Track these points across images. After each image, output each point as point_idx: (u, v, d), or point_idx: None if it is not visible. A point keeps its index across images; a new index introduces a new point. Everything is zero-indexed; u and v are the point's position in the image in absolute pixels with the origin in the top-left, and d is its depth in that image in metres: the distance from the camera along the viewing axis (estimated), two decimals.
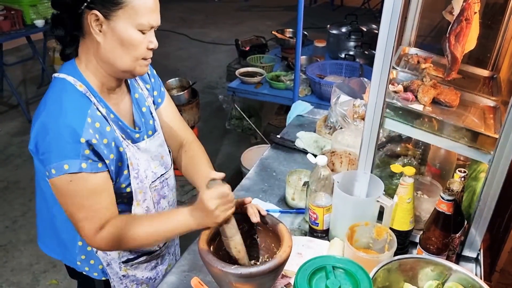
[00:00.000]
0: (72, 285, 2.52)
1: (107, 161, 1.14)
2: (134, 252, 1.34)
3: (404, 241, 1.30)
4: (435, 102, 1.38)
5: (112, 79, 1.18)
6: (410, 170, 1.22)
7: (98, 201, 1.12)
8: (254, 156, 2.78)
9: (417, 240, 1.27)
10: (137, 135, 1.25)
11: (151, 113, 1.33)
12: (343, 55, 3.12)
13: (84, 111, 1.10)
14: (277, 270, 1.07)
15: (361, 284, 0.99)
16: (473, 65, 1.66)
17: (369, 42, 3.14)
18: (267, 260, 1.16)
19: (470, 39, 1.26)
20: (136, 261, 1.36)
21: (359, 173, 1.33)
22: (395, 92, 1.41)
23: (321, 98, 2.72)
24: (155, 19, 1.11)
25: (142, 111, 1.30)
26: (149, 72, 1.37)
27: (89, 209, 1.11)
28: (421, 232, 1.23)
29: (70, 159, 1.06)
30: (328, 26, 3.37)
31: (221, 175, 1.09)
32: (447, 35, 1.21)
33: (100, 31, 1.08)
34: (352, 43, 3.21)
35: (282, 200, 1.59)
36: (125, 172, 1.21)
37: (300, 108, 2.19)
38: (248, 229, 1.21)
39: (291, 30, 3.47)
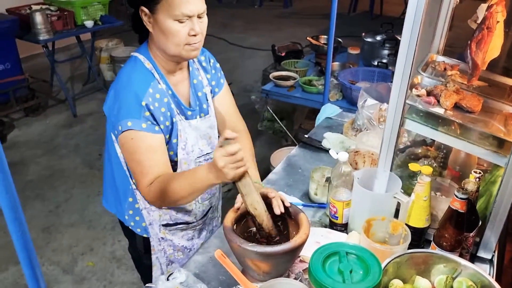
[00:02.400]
0: (107, 268, 2.70)
1: (162, 126, 1.33)
2: (173, 218, 1.52)
3: (419, 237, 1.36)
4: (457, 107, 1.43)
5: (169, 62, 1.38)
6: (427, 169, 1.28)
7: (153, 158, 1.31)
8: (284, 157, 2.86)
9: (431, 240, 1.32)
10: (189, 113, 1.44)
11: (207, 99, 1.51)
12: (376, 63, 3.16)
13: (147, 83, 1.32)
14: (292, 253, 1.15)
15: (371, 269, 1.06)
16: (500, 74, 1.69)
17: None
18: None
19: (493, 47, 1.30)
20: (174, 227, 1.54)
21: (379, 171, 1.40)
22: (418, 96, 1.46)
23: (351, 103, 2.78)
24: (191, 9, 1.25)
25: (197, 95, 1.48)
26: (211, 64, 1.54)
27: (144, 164, 1.30)
28: (435, 232, 1.28)
29: (134, 118, 1.28)
30: (363, 34, 3.42)
31: (234, 135, 1.15)
32: (469, 42, 1.26)
33: (150, 23, 1.30)
34: (386, 51, 3.25)
35: (306, 195, 1.67)
36: (174, 140, 1.40)
37: (329, 110, 2.26)
38: (272, 216, 1.31)
39: (325, 36, 3.54)
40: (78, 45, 4.84)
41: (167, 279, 1.26)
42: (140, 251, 1.60)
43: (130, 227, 1.55)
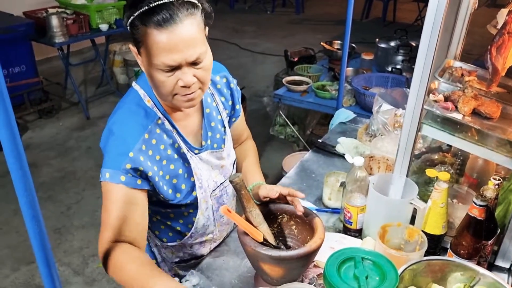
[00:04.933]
0: None
1: (153, 177, 1.15)
2: (188, 254, 1.42)
3: (435, 245, 1.33)
4: (475, 113, 1.41)
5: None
6: (444, 175, 1.26)
7: (125, 213, 1.12)
8: (296, 162, 2.85)
9: (448, 247, 1.30)
10: (196, 151, 1.27)
11: (223, 126, 1.35)
12: (390, 69, 3.15)
13: (143, 127, 1.14)
14: (306, 258, 1.14)
15: (387, 275, 1.04)
16: None
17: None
18: None
19: None
20: (186, 263, 1.44)
21: (395, 176, 1.38)
22: (435, 101, 1.45)
23: (364, 109, 2.77)
24: (175, 59, 1.02)
25: (211, 126, 1.31)
26: (231, 86, 1.37)
27: (111, 215, 1.11)
28: (452, 239, 1.26)
29: (113, 169, 1.10)
30: (377, 40, 3.41)
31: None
32: (489, 47, 1.25)
33: (140, 62, 1.12)
34: (400, 57, 3.23)
35: (319, 200, 1.66)
36: (183, 186, 1.25)
37: (343, 116, 2.25)
38: (287, 220, 1.30)
39: (339, 42, 3.54)
40: (92, 49, 4.89)
41: (180, 282, 1.25)
42: None
43: None
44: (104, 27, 4.43)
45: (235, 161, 1.45)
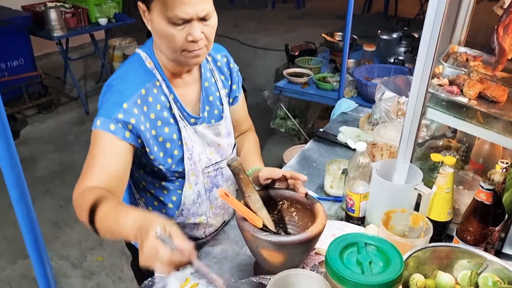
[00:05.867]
0: (116, 263, 2.67)
1: (144, 133, 1.15)
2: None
3: (441, 232, 1.30)
4: (481, 97, 1.37)
5: (174, 66, 1.21)
6: (450, 160, 1.22)
7: (108, 161, 1.12)
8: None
9: (454, 235, 1.26)
10: (192, 120, 1.27)
11: (221, 103, 1.35)
12: (392, 60, 3.10)
13: (141, 83, 1.17)
14: (307, 244, 1.10)
15: (392, 261, 1.00)
16: None
17: None
18: None
19: None
20: None
21: (399, 162, 1.34)
22: (440, 85, 1.41)
23: (366, 100, 2.72)
24: (187, 12, 1.06)
25: (209, 100, 1.32)
26: (230, 67, 1.39)
27: (96, 161, 1.11)
28: (458, 225, 1.22)
29: (104, 117, 1.12)
30: (379, 31, 3.36)
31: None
32: (496, 27, 1.21)
33: (147, 20, 1.15)
34: (402, 49, 3.18)
35: (321, 189, 1.62)
36: (175, 152, 1.25)
37: (344, 105, 2.21)
38: (287, 206, 1.26)
39: (340, 33, 3.49)
40: (91, 44, 4.85)
41: (177, 269, 1.21)
42: (143, 268, 1.45)
43: (132, 242, 1.41)
44: (103, 21, 4.39)
45: (235, 145, 1.41)
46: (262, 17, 8.07)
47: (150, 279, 1.15)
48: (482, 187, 1.12)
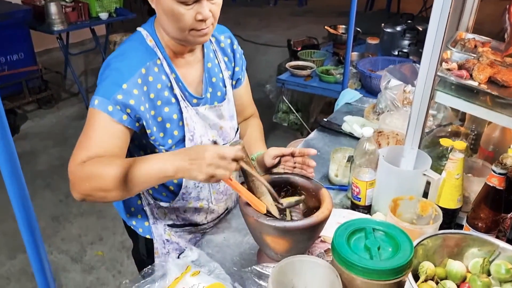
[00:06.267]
0: (116, 257, 2.64)
1: (143, 114, 1.13)
2: (181, 218, 1.37)
3: (450, 220, 1.25)
4: (491, 82, 1.33)
5: (177, 45, 1.19)
6: (460, 144, 1.18)
7: (103, 140, 1.09)
8: None
9: (464, 223, 1.22)
10: (194, 101, 1.24)
11: (224, 85, 1.32)
12: (396, 53, 3.06)
13: (142, 62, 1.14)
14: (312, 230, 1.06)
15: (401, 246, 0.96)
16: None
17: (424, 40, 3.06)
18: None
19: None
20: (181, 228, 1.38)
21: (406, 148, 1.30)
22: (449, 69, 1.36)
23: (370, 93, 2.68)
24: None
25: (211, 81, 1.29)
26: (234, 47, 1.36)
27: (91, 138, 1.09)
28: (469, 212, 1.18)
29: (103, 97, 1.08)
30: (383, 24, 3.32)
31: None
32: (507, 6, 1.16)
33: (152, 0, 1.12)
34: (406, 42, 3.14)
35: (325, 177, 1.58)
36: (176, 132, 1.21)
37: (348, 96, 2.17)
38: (291, 193, 1.22)
39: (343, 26, 3.45)
40: (92, 40, 4.82)
41: (178, 257, 1.18)
42: (143, 255, 1.43)
43: (132, 227, 1.40)
44: (104, 15, 4.36)
45: (237, 129, 1.38)
46: (264, 14, 8.03)
47: (150, 266, 1.12)
48: (494, 171, 1.08)
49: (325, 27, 3.47)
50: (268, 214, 1.10)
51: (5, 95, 3.95)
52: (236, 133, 1.38)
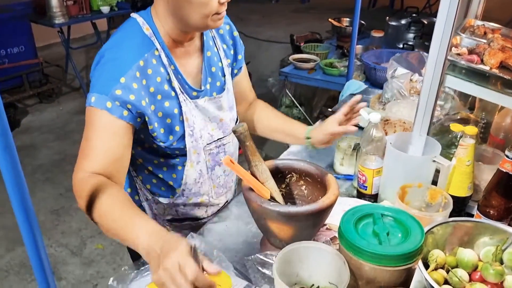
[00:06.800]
0: (116, 251, 2.60)
1: (145, 110, 1.07)
2: (181, 213, 1.33)
3: (460, 208, 1.22)
4: (502, 67, 1.29)
5: (180, 34, 1.12)
6: (471, 129, 1.14)
7: (106, 142, 1.03)
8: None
9: (474, 212, 1.18)
10: (194, 93, 1.18)
11: (223, 75, 1.27)
12: (401, 46, 3.02)
13: (139, 53, 1.06)
14: (318, 216, 1.02)
15: (412, 232, 0.93)
16: None
17: (430, 33, 3.02)
18: None
19: None
20: (181, 223, 1.34)
21: (414, 135, 1.26)
22: (459, 54, 1.32)
23: (375, 85, 2.63)
24: None
25: (211, 71, 1.24)
26: (234, 35, 1.31)
27: (93, 144, 1.03)
28: (480, 200, 1.14)
29: (100, 93, 1.01)
30: (387, 18, 3.27)
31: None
32: None
33: None
34: (411, 35, 3.09)
35: (330, 167, 1.54)
36: (177, 128, 1.16)
37: (353, 86, 2.13)
38: (296, 180, 1.18)
39: (347, 19, 3.41)
40: (94, 35, 4.79)
41: None
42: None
43: None
44: (105, 9, 4.33)
45: (237, 119, 1.34)
46: (267, 11, 8.00)
47: None
48: (507, 156, 1.04)
49: (329, 19, 3.43)
50: (272, 200, 1.06)
51: (5, 89, 3.92)
52: (235, 124, 1.33)
